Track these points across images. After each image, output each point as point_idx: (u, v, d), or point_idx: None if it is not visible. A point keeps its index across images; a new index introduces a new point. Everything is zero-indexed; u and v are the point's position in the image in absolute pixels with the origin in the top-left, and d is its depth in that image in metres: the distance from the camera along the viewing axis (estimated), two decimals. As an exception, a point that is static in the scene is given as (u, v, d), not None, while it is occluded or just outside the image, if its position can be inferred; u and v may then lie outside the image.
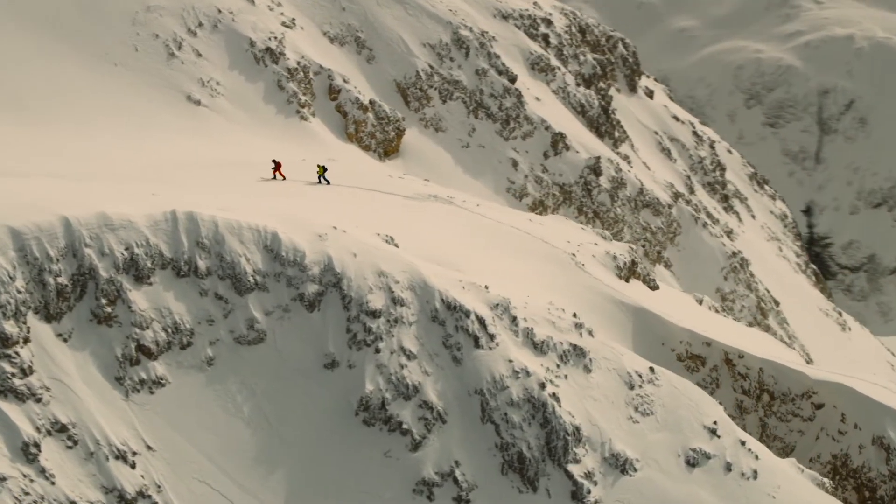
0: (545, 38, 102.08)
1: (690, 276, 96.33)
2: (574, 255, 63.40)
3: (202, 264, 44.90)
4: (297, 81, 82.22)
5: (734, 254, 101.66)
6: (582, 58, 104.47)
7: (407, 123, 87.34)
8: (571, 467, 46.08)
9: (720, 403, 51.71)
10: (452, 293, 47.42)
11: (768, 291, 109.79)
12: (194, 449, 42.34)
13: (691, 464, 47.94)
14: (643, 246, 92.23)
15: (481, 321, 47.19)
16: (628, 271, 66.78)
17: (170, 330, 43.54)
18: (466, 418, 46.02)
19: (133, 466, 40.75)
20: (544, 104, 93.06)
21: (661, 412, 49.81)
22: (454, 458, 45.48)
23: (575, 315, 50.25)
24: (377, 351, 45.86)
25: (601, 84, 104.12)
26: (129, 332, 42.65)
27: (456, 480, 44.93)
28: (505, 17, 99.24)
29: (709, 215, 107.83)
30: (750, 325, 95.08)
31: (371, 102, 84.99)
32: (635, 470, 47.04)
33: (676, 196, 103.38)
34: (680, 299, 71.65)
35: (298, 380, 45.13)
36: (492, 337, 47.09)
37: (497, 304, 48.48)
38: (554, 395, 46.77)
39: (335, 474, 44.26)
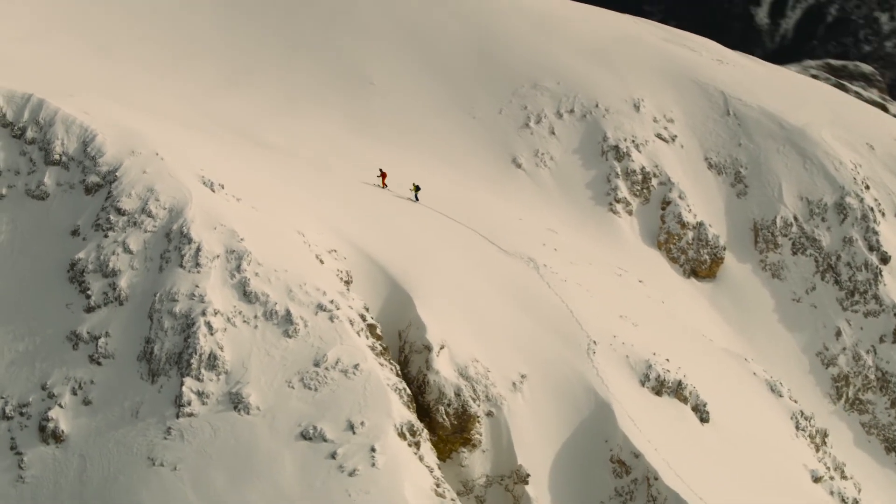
0: None
1: None
2: (596, 342, 70.04)
3: (30, 134, 65.79)
4: (629, 182, 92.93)
5: None
6: None
7: (743, 259, 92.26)
8: (187, 380, 55.92)
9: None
10: (194, 227, 60.72)
11: None
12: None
13: (304, 436, 54.19)
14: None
15: (198, 251, 61.87)
16: (660, 385, 70.13)
17: (-24, 161, 65.42)
18: (138, 310, 59.13)
19: None
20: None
21: (324, 392, 56.21)
22: (106, 330, 59.87)
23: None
24: (105, 236, 62.63)
25: None
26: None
27: (97, 345, 60.21)
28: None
29: None
30: None
31: (699, 224, 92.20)
32: (248, 413, 55.20)
33: None
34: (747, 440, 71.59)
35: (50, 232, 62.91)
36: (198, 265, 60.69)
37: (234, 251, 61.92)
38: (208, 325, 57.57)
39: (25, 299, 62.52)
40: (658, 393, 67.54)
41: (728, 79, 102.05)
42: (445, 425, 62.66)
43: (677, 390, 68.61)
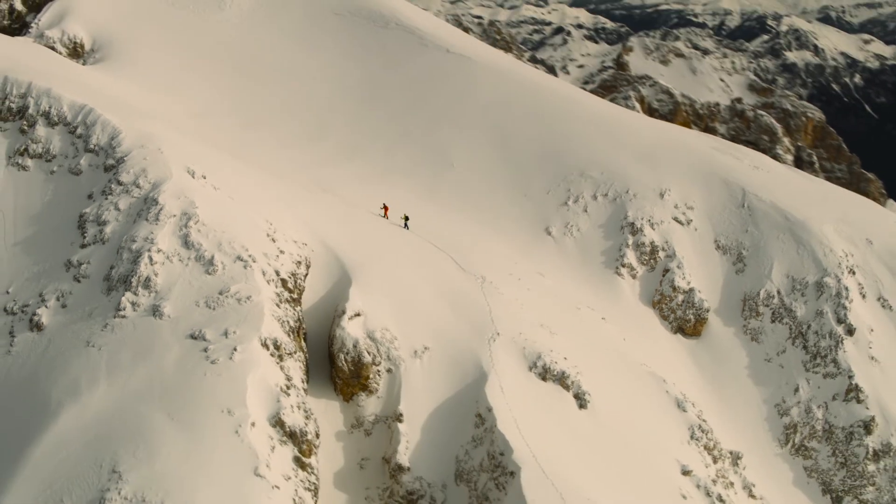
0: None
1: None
2: (499, 334, 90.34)
3: (79, 131, 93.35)
4: (638, 252, 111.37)
5: None
6: None
7: (729, 324, 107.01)
8: (127, 294, 77.12)
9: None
10: (162, 196, 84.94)
11: None
12: None
13: (192, 337, 73.00)
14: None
15: (160, 210, 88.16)
16: (545, 372, 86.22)
17: (43, 148, 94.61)
18: (112, 248, 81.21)
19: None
20: (881, 365, 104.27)
21: (218, 311, 75.60)
22: (89, 260, 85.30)
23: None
24: (106, 198, 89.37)
25: None
26: (25, 140, 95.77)
27: (80, 269, 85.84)
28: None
29: None
30: None
31: (690, 290, 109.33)
32: (161, 318, 76.02)
33: None
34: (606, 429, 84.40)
35: (77, 197, 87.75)
36: (157, 220, 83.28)
37: (186, 213, 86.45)
38: (150, 258, 79.98)
39: (50, 239, 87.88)
40: (543, 378, 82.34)
41: (755, 180, 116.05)
42: (344, 370, 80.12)
43: (561, 378, 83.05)
